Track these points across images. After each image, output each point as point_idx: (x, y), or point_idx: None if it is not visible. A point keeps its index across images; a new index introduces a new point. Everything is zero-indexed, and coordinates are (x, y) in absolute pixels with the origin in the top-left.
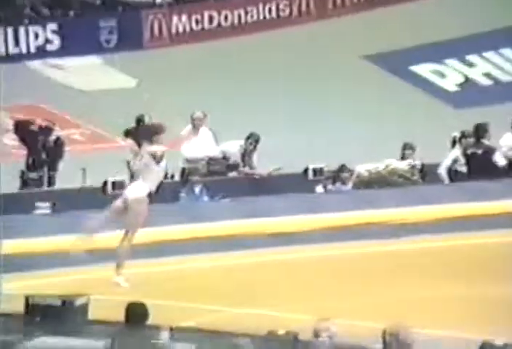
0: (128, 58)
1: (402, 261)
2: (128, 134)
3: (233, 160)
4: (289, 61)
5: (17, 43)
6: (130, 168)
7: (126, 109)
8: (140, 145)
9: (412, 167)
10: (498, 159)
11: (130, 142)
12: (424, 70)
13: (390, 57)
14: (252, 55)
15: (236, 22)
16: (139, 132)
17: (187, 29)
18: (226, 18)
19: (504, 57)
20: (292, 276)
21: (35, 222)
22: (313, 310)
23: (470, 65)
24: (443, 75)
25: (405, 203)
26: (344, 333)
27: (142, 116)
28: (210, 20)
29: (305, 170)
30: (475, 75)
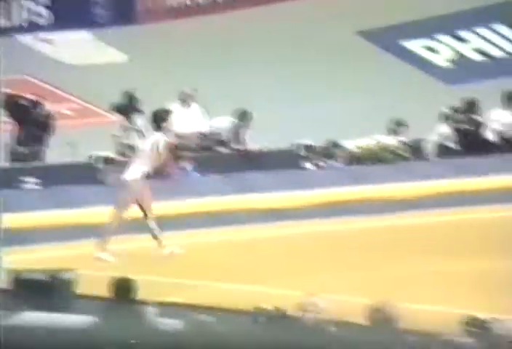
0: (120, 33)
1: (393, 237)
2: (117, 109)
3: (224, 136)
4: (281, 37)
5: (9, 17)
6: (119, 143)
7: (116, 84)
8: (130, 120)
9: (403, 143)
10: (488, 135)
11: (119, 117)
12: (415, 45)
13: (381, 33)
14: (245, 31)
15: None
16: (151, 119)
17: (181, 4)
18: None
19: (495, 33)
20: (283, 252)
21: (23, 197)
22: (303, 286)
23: (461, 41)
24: (434, 50)
25: (396, 179)
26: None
27: (132, 91)
28: None
29: (296, 146)
30: (466, 50)
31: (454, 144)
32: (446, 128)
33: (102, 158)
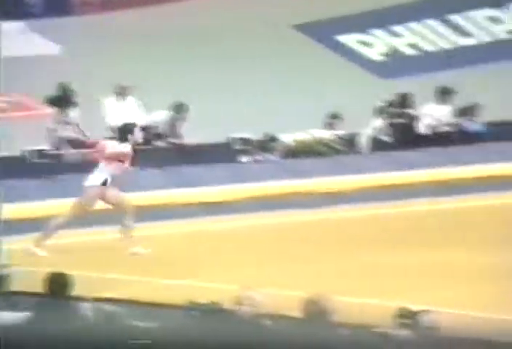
0: (54, 24)
1: (329, 230)
2: (51, 101)
3: (160, 129)
4: (217, 29)
5: None
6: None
7: (51, 76)
8: (64, 113)
9: (339, 137)
10: (421, 128)
11: (54, 109)
12: (350, 39)
13: (317, 27)
14: (181, 23)
15: None
16: (118, 131)
17: None
18: None
19: (428, 28)
20: (220, 246)
21: None
22: (242, 279)
23: (395, 35)
24: (369, 45)
25: (331, 172)
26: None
27: (66, 84)
28: None
29: (232, 140)
30: (400, 45)
31: (388, 137)
32: (380, 121)
33: (36, 151)
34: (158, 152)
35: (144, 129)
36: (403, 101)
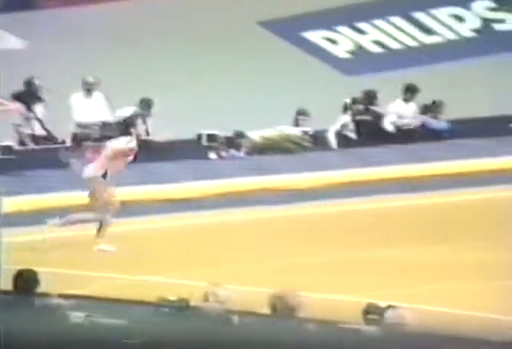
0: (19, 19)
1: (295, 227)
2: (17, 97)
3: (127, 125)
4: (184, 26)
5: None
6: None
7: (16, 71)
8: (29, 109)
9: (305, 133)
10: (386, 125)
11: (19, 105)
12: (316, 36)
13: (282, 24)
14: (148, 19)
15: None
16: (120, 124)
17: None
18: None
19: (394, 25)
20: (187, 242)
21: None
22: (209, 276)
23: (360, 33)
24: (334, 42)
25: (297, 169)
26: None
27: (32, 79)
28: None
29: (199, 136)
30: (365, 42)
31: (354, 134)
32: (347, 118)
33: (1, 147)
34: None
35: (110, 125)
36: (367, 98)
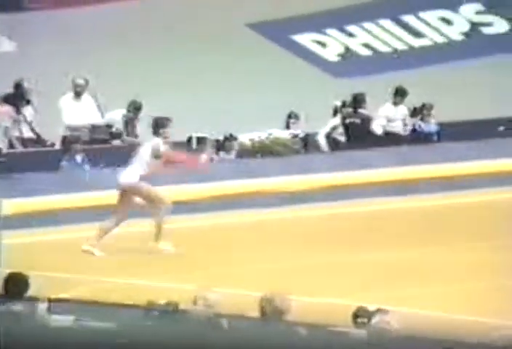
0: (8, 20)
1: (284, 229)
2: (5, 99)
3: (116, 128)
4: (173, 28)
5: None
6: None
7: (5, 73)
8: (19, 111)
9: (295, 136)
10: (375, 128)
11: (8, 108)
12: (305, 39)
13: (271, 26)
14: (136, 21)
15: None
16: (152, 124)
17: None
18: None
19: (383, 28)
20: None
21: None
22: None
23: (350, 36)
24: (324, 44)
25: (287, 172)
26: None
27: (21, 81)
28: None
29: (189, 139)
30: (355, 45)
31: (343, 137)
32: (337, 121)
33: None
34: (113, 151)
35: (100, 128)
36: (356, 101)
